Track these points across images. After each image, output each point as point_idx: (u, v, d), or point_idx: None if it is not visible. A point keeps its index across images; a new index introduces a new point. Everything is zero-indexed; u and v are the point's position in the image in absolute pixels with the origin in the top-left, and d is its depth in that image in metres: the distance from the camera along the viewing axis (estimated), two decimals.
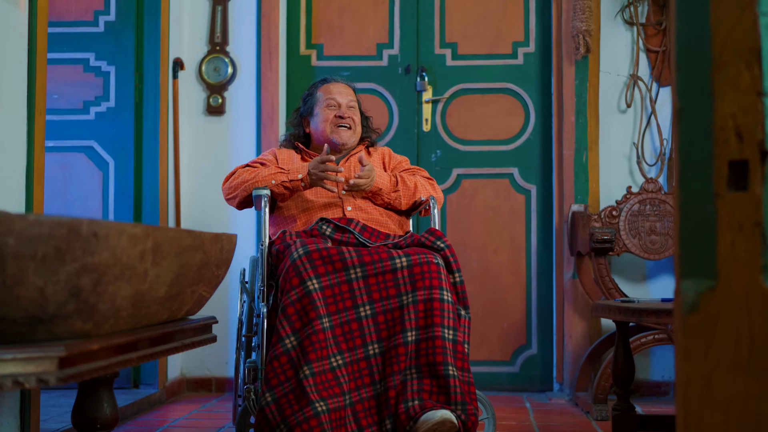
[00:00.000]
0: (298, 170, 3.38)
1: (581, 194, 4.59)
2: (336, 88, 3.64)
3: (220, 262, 2.66)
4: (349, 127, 3.60)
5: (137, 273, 2.07)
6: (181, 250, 2.31)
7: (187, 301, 2.55)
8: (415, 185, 3.50)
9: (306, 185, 3.37)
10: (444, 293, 3.02)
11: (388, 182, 3.45)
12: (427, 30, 4.90)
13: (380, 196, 3.44)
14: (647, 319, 2.87)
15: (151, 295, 2.20)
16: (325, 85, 3.66)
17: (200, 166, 4.73)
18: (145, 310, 2.23)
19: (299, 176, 3.35)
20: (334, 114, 3.58)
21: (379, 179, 3.43)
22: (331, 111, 3.59)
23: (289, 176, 3.36)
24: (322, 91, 3.64)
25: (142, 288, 2.12)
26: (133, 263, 2.04)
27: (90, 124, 4.36)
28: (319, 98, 3.63)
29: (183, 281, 2.41)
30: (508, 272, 4.82)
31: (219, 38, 4.75)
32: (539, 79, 4.86)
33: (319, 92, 3.65)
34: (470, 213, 4.84)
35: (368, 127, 3.76)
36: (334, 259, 3.01)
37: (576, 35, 4.57)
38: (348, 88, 3.68)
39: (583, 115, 4.63)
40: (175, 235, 2.27)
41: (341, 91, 3.63)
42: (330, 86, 3.65)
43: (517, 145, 4.86)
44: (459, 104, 4.89)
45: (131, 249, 2.02)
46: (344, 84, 3.69)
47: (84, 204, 4.34)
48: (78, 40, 4.39)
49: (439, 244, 3.19)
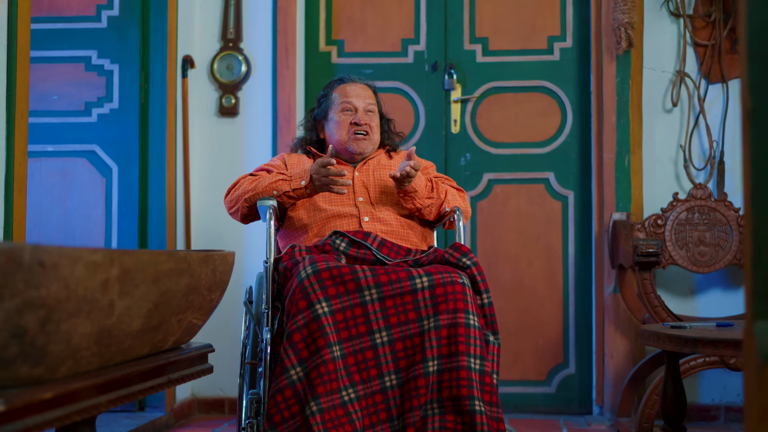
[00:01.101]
0: (301, 175, 3.05)
1: (623, 201, 4.24)
2: (353, 89, 3.31)
3: (212, 285, 2.34)
4: (366, 133, 3.27)
5: (99, 306, 1.75)
6: (159, 276, 2.00)
7: (173, 331, 2.24)
8: (446, 194, 3.17)
9: (312, 192, 3.04)
10: (470, 317, 2.68)
11: (424, 186, 3.13)
12: (455, 24, 4.59)
13: (413, 199, 3.11)
14: (703, 350, 2.50)
15: (122, 329, 1.88)
16: (341, 86, 3.34)
17: (212, 171, 4.45)
18: (116, 346, 1.91)
19: (302, 183, 3.03)
20: (349, 120, 3.26)
21: (418, 179, 3.10)
22: (346, 116, 3.27)
23: (292, 184, 3.04)
24: (338, 92, 3.32)
25: (107, 323, 1.80)
26: (93, 295, 1.72)
27: (92, 127, 4.09)
28: (334, 101, 3.31)
29: (165, 310, 2.09)
30: (543, 285, 4.48)
31: (232, 34, 4.46)
32: (577, 77, 4.52)
33: (334, 93, 3.33)
34: (502, 221, 4.52)
35: (390, 131, 3.44)
36: (347, 278, 2.68)
37: (617, 28, 4.21)
38: (366, 89, 3.35)
39: (625, 116, 4.28)
40: (150, 259, 1.95)
41: (358, 93, 3.31)
42: (346, 87, 3.32)
43: (553, 147, 4.53)
44: (490, 104, 4.56)
45: (90, 279, 1.70)
46: (362, 84, 3.36)
47: (85, 213, 4.06)
48: (79, 37, 4.11)
49: (465, 262, 2.85)
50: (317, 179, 2.99)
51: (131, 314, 1.89)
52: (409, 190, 3.08)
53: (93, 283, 1.70)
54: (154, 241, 4.07)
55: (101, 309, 1.75)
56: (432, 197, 3.14)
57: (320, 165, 2.99)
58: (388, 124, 3.44)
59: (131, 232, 4.03)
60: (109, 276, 1.75)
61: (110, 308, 1.79)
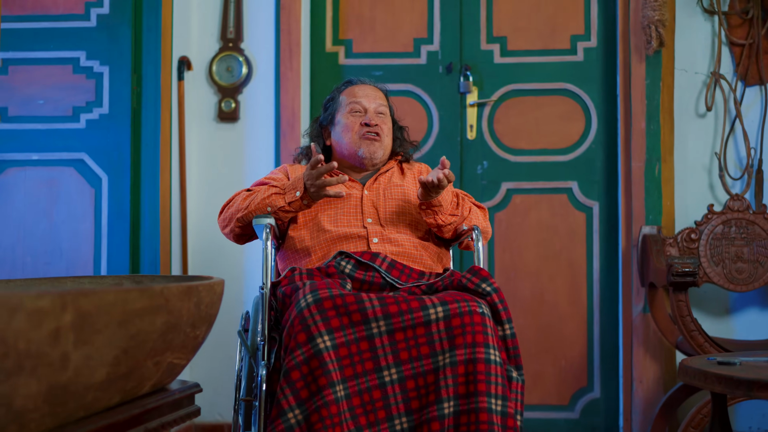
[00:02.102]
0: (294, 185, 2.75)
1: (653, 213, 3.93)
2: (362, 90, 3.02)
3: (196, 321, 2.04)
4: (377, 135, 2.97)
5: (49, 361, 1.46)
6: (129, 317, 1.70)
7: (149, 375, 1.94)
8: (469, 211, 2.87)
9: (309, 202, 2.74)
10: (490, 352, 2.38)
11: (449, 201, 2.83)
12: (471, 22, 4.30)
13: (436, 214, 2.81)
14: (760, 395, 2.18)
15: (81, 383, 1.59)
16: (349, 88, 3.05)
17: (210, 181, 4.16)
18: (76, 402, 1.61)
19: (297, 194, 2.72)
20: (359, 121, 2.96)
21: (445, 192, 2.80)
22: (355, 118, 2.98)
23: (286, 197, 2.74)
24: (345, 94, 3.03)
25: (60, 379, 1.50)
26: (39, 349, 1.43)
27: (80, 134, 3.81)
28: (341, 103, 3.01)
29: (138, 354, 1.80)
30: (565, 302, 4.18)
31: (232, 34, 4.19)
32: (602, 79, 4.22)
33: (342, 96, 3.04)
34: (522, 234, 4.22)
35: (402, 138, 3.14)
36: (352, 308, 2.38)
37: (647, 26, 3.90)
38: (377, 90, 3.06)
39: (655, 121, 3.98)
40: (117, 298, 1.64)
41: (368, 93, 3.01)
42: (355, 89, 3.03)
43: (576, 155, 4.23)
44: (509, 108, 4.26)
45: (34, 330, 1.40)
46: (372, 86, 3.06)
47: (73, 226, 3.78)
48: (66, 37, 3.83)
49: (485, 288, 2.55)
50: (310, 185, 2.70)
51: (92, 365, 1.59)
52: (434, 203, 2.78)
53: (39, 335, 1.41)
54: (146, 257, 3.78)
55: (51, 364, 1.46)
56: (456, 214, 2.84)
57: (310, 167, 2.69)
58: (401, 131, 3.14)
59: (122, 247, 3.75)
60: (60, 324, 1.46)
61: (63, 361, 1.49)
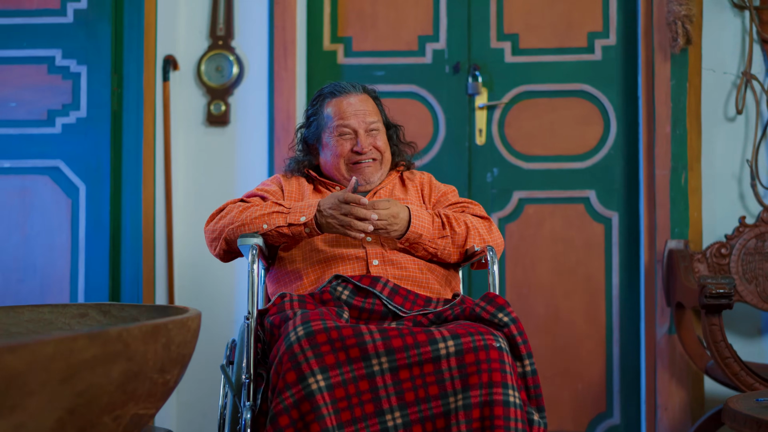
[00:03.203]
0: (302, 209, 2.44)
1: (679, 226, 3.64)
2: (349, 106, 2.68)
3: (166, 364, 1.75)
4: (374, 159, 2.66)
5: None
6: (75, 370, 1.41)
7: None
8: (467, 228, 2.53)
9: (312, 232, 2.43)
10: (509, 393, 2.08)
11: (430, 224, 2.50)
12: (481, 18, 4.01)
13: (421, 245, 2.49)
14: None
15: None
16: (333, 101, 2.70)
17: (199, 190, 3.87)
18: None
19: (302, 219, 2.41)
20: (349, 147, 2.65)
21: (417, 220, 2.47)
22: (345, 142, 2.66)
23: (289, 218, 2.43)
24: (330, 110, 2.68)
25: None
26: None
27: (56, 139, 3.52)
28: (327, 122, 2.68)
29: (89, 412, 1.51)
30: (582, 321, 3.89)
31: (222, 31, 3.90)
32: (622, 79, 3.94)
33: (326, 111, 2.69)
34: (535, 247, 3.93)
35: (399, 142, 2.81)
36: (349, 343, 2.08)
37: (673, 22, 3.60)
38: (366, 100, 2.72)
39: (681, 125, 3.69)
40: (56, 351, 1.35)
41: (357, 109, 2.67)
42: (341, 103, 2.68)
43: (594, 161, 3.95)
44: (521, 111, 3.98)
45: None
46: (358, 95, 2.71)
47: (48, 240, 3.49)
48: (41, 34, 3.54)
49: (502, 318, 2.24)
50: (331, 216, 2.39)
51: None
52: (410, 237, 2.47)
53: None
54: (128, 274, 3.49)
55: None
56: (446, 235, 2.51)
57: (340, 200, 2.39)
58: (396, 133, 2.81)
59: (101, 263, 3.46)
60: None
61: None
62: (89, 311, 2.20)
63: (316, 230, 2.42)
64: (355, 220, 2.37)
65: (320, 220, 2.41)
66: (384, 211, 2.40)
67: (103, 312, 2.19)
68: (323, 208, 2.41)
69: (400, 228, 2.44)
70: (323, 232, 2.43)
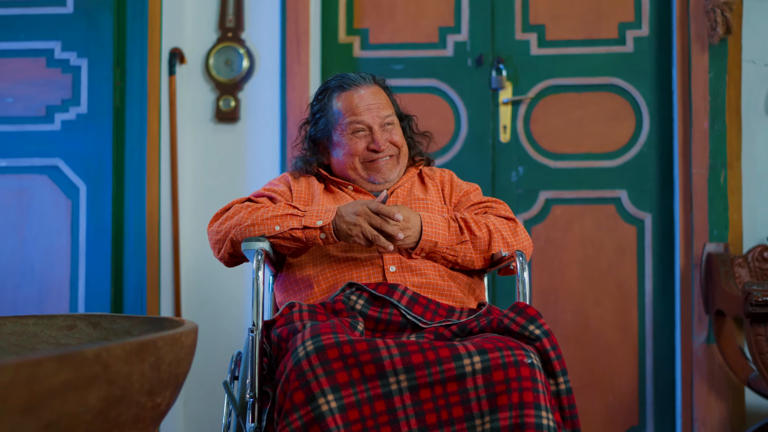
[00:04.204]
0: (318, 213, 2.23)
1: (718, 228, 3.43)
2: (361, 100, 2.46)
3: (155, 386, 1.57)
4: (392, 156, 2.46)
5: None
6: (41, 399, 1.24)
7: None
8: (489, 231, 2.32)
9: (328, 237, 2.22)
10: (542, 415, 1.88)
11: (446, 229, 2.29)
12: (505, 9, 3.84)
13: (438, 253, 2.28)
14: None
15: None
16: (342, 96, 2.47)
17: (207, 190, 3.69)
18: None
19: (318, 223, 2.21)
20: (364, 145, 2.44)
21: (430, 227, 2.27)
22: (360, 140, 2.44)
23: (304, 221, 2.22)
24: (340, 106, 2.46)
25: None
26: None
27: (55, 137, 3.35)
28: (338, 118, 2.46)
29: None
30: (613, 329, 3.70)
31: (231, 22, 3.73)
32: (656, 72, 3.75)
33: (336, 106, 2.47)
34: (563, 250, 3.75)
35: (413, 133, 2.60)
36: (363, 359, 1.87)
37: (711, 10, 3.41)
38: (378, 92, 2.50)
39: (720, 120, 3.51)
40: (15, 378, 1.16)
41: (369, 104, 2.45)
42: (352, 98, 2.46)
43: (625, 159, 3.76)
44: (548, 106, 3.80)
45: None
46: (370, 87, 2.49)
47: (47, 243, 3.31)
48: (39, 25, 3.37)
49: (533, 331, 2.03)
50: (355, 224, 2.21)
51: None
52: (424, 247, 2.28)
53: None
54: (131, 279, 3.30)
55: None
56: (465, 240, 2.30)
57: (372, 209, 2.20)
58: (409, 124, 2.59)
59: (102, 268, 3.28)
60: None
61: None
62: (78, 323, 2.01)
63: (333, 236, 2.22)
64: (381, 236, 2.19)
65: (339, 226, 2.21)
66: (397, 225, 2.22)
67: (93, 324, 2.00)
68: (345, 213, 2.21)
69: (413, 235, 2.24)
70: (339, 240, 2.23)
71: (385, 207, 2.20)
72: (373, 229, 2.19)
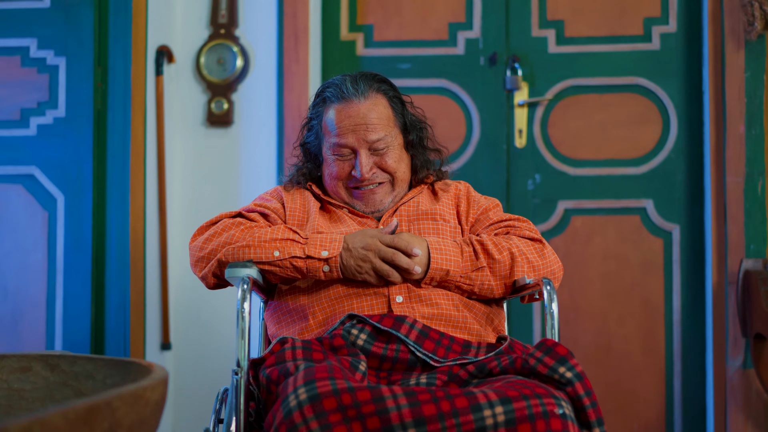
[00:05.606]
0: (323, 242, 1.98)
1: (755, 242, 3.25)
2: (349, 116, 2.18)
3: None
4: (381, 183, 2.21)
5: None
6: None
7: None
8: (511, 255, 2.05)
9: (332, 271, 1.97)
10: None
11: (458, 255, 2.02)
12: (520, 3, 3.68)
13: (451, 282, 2.02)
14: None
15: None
16: (333, 108, 2.21)
17: (198, 200, 3.51)
18: None
19: (323, 253, 1.95)
20: (348, 169, 2.19)
21: (439, 253, 2.01)
22: (344, 163, 2.20)
23: (307, 249, 1.96)
24: (330, 117, 2.20)
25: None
26: None
27: (30, 143, 3.16)
28: (325, 132, 2.22)
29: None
30: (639, 351, 3.51)
31: (225, 18, 3.54)
32: (685, 72, 3.56)
33: (327, 117, 2.22)
34: (583, 264, 3.55)
35: (422, 147, 2.32)
36: (366, 410, 1.60)
37: (748, 3, 3.23)
38: (371, 107, 2.19)
39: (758, 124, 3.31)
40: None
41: (357, 122, 2.17)
42: (341, 113, 2.19)
43: (651, 166, 3.57)
44: (567, 108, 3.62)
45: None
46: (362, 102, 2.19)
47: (21, 258, 3.12)
48: (13, 21, 3.17)
49: (564, 373, 1.75)
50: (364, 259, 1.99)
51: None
52: (434, 276, 2.04)
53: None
54: (113, 298, 3.09)
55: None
56: (482, 266, 2.03)
57: (383, 242, 2.00)
58: (420, 136, 2.31)
59: (82, 285, 3.10)
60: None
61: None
62: (33, 365, 1.74)
63: (338, 271, 1.96)
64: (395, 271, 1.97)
65: (347, 262, 1.97)
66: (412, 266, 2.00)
67: (51, 366, 1.73)
68: (353, 247, 1.98)
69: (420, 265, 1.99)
70: (344, 276, 1.97)
71: (402, 241, 1.97)
72: (385, 264, 1.95)
